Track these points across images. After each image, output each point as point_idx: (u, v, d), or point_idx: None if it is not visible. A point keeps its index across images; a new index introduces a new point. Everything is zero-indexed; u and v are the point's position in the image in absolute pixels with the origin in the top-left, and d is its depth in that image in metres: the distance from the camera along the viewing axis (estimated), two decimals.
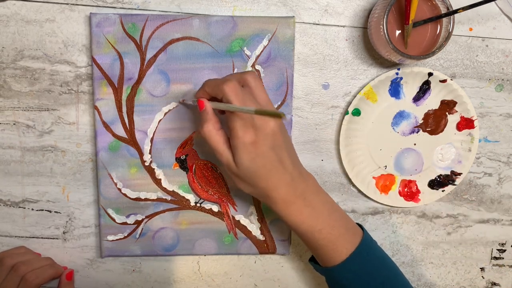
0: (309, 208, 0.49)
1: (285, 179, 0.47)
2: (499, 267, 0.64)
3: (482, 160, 0.61)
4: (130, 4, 0.56)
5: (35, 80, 0.56)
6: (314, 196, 0.49)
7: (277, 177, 0.47)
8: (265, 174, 0.47)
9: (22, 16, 0.55)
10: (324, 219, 0.49)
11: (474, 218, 0.63)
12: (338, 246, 0.49)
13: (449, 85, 0.57)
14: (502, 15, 0.58)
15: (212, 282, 0.62)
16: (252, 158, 0.45)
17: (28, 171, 0.58)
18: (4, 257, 0.55)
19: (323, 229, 0.49)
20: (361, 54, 0.58)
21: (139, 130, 0.57)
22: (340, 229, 0.50)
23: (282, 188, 0.47)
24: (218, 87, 0.45)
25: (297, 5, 0.57)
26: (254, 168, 0.46)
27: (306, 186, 0.49)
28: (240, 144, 0.45)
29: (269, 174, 0.47)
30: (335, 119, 0.59)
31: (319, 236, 0.49)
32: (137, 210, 0.58)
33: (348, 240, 0.50)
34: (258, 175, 0.47)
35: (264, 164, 0.46)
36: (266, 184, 0.47)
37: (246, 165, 0.46)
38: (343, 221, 0.51)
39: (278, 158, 0.47)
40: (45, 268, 0.55)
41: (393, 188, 0.60)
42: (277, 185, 0.47)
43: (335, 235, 0.49)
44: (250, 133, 0.45)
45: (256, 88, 0.47)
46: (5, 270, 0.54)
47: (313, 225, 0.49)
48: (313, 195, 0.49)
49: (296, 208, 0.48)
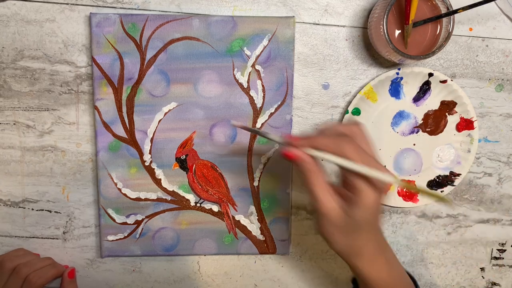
0: (388, 264, 0.46)
1: (378, 235, 0.45)
2: (499, 267, 0.64)
3: (482, 160, 0.61)
4: (130, 4, 0.56)
5: (35, 80, 0.56)
6: (390, 251, 0.47)
7: (372, 233, 0.44)
8: (368, 232, 0.43)
9: (22, 16, 0.55)
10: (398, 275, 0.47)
11: (474, 218, 0.63)
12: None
13: (449, 85, 0.57)
14: (502, 15, 0.58)
15: (212, 282, 0.62)
16: (369, 214, 0.41)
17: (28, 171, 0.58)
18: (4, 260, 0.55)
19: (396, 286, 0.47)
20: (361, 54, 0.58)
21: (139, 130, 0.57)
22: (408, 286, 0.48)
23: (371, 244, 0.44)
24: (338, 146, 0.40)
25: (297, 5, 0.57)
26: (363, 225, 0.42)
27: (384, 241, 0.47)
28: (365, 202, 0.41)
29: (371, 232, 0.43)
30: (335, 119, 0.59)
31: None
32: (137, 210, 0.58)
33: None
34: (363, 232, 0.43)
35: (374, 222, 0.43)
36: (365, 242, 0.44)
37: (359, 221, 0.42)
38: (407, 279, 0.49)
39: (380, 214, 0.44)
40: (47, 268, 0.55)
41: (392, 188, 0.60)
42: (369, 241, 0.44)
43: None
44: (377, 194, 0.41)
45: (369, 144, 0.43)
46: (6, 274, 0.54)
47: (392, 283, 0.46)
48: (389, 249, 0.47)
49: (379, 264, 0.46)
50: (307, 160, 0.42)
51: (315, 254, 0.62)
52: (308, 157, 0.42)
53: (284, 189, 0.59)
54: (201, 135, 0.58)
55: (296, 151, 0.42)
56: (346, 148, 0.40)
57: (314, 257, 0.62)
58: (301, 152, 0.42)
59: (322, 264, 0.63)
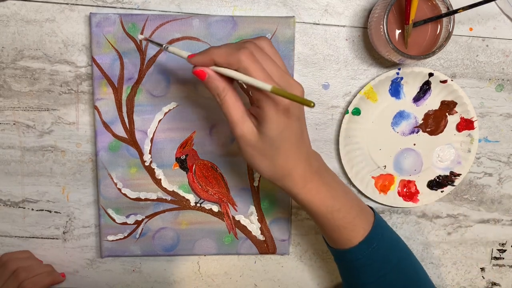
0: (326, 186, 0.45)
1: (303, 154, 0.44)
2: (499, 267, 0.64)
3: (482, 160, 0.61)
4: (130, 4, 0.56)
5: (35, 80, 0.56)
6: (327, 174, 0.47)
7: (297, 153, 0.43)
8: (288, 149, 0.42)
9: (22, 16, 0.55)
10: (340, 198, 0.46)
11: (474, 218, 0.63)
12: (356, 226, 0.47)
13: (449, 85, 0.57)
14: (502, 15, 0.58)
15: (212, 282, 0.62)
16: (282, 129, 0.41)
17: (28, 171, 0.58)
18: (8, 260, 0.56)
19: (341, 208, 0.46)
20: (361, 54, 0.58)
21: (139, 130, 0.57)
22: (357, 208, 0.47)
23: (300, 165, 0.43)
24: (232, 56, 0.39)
25: (297, 5, 0.57)
26: (279, 141, 0.41)
27: (319, 163, 0.46)
28: (272, 112, 0.40)
29: (291, 148, 0.42)
30: (335, 119, 0.59)
31: (337, 216, 0.46)
32: (137, 210, 0.58)
33: (364, 220, 0.48)
34: (282, 150, 0.42)
35: (289, 136, 0.41)
36: (285, 161, 0.43)
37: (273, 137, 0.41)
38: (357, 201, 0.49)
39: (300, 130, 0.43)
40: (42, 276, 0.55)
41: (392, 188, 0.60)
42: (296, 162, 0.43)
43: (353, 215, 0.47)
44: (285, 100, 0.40)
45: (275, 55, 0.41)
46: (7, 274, 0.54)
47: (332, 205, 0.46)
48: (326, 172, 0.47)
49: (314, 187, 0.45)
50: (213, 75, 0.41)
51: (315, 254, 0.62)
52: (214, 73, 0.41)
53: None
54: (201, 135, 0.58)
55: (201, 68, 0.41)
56: (242, 58, 0.38)
57: (314, 257, 0.62)
58: (207, 69, 0.41)
59: (322, 264, 0.62)
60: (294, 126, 0.42)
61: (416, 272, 0.51)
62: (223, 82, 0.41)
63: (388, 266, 0.48)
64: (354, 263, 0.48)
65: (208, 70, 0.41)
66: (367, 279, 0.49)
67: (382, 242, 0.48)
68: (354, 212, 0.47)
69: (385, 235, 0.49)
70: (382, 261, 0.48)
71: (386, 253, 0.49)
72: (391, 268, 0.49)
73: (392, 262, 0.49)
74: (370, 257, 0.48)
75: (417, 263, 0.52)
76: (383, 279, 0.48)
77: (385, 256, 0.48)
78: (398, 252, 0.50)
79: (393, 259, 0.49)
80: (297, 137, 0.43)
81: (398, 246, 0.51)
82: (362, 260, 0.48)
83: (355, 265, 0.49)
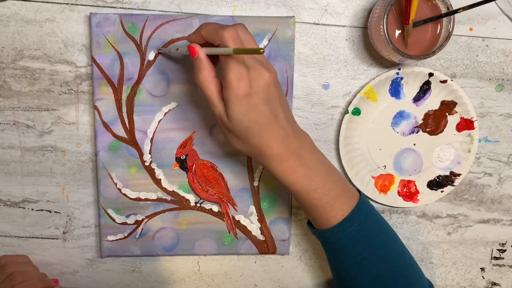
0: (304, 166, 0.47)
1: (278, 134, 0.45)
2: (499, 267, 0.64)
3: (482, 160, 0.61)
4: (130, 4, 0.56)
5: (35, 80, 0.56)
6: (310, 155, 0.48)
7: (270, 133, 0.45)
8: (257, 130, 0.44)
9: (22, 16, 0.55)
10: (319, 179, 0.48)
11: (474, 218, 0.63)
12: (334, 207, 0.48)
13: (449, 85, 0.57)
14: (502, 15, 0.58)
15: (212, 282, 0.62)
16: (245, 111, 0.43)
17: (28, 171, 0.58)
18: (7, 263, 0.56)
19: (318, 188, 0.47)
20: (361, 54, 0.58)
21: (139, 130, 0.57)
22: (337, 190, 0.48)
23: (275, 144, 0.45)
24: (217, 33, 0.43)
25: (297, 5, 0.57)
26: (246, 123, 0.44)
27: (300, 144, 0.47)
28: (232, 96, 0.43)
29: (261, 129, 0.44)
30: (335, 119, 0.59)
31: (313, 196, 0.48)
32: (137, 210, 0.58)
33: (345, 202, 0.49)
34: (251, 131, 0.44)
35: (256, 118, 0.44)
36: (258, 140, 0.45)
37: (238, 119, 0.44)
38: (340, 183, 0.49)
39: (271, 113, 0.44)
40: (34, 282, 0.55)
41: (392, 188, 0.60)
42: (270, 141, 0.45)
43: (331, 196, 0.48)
44: (244, 85, 0.43)
45: (248, 40, 0.45)
46: (3, 277, 0.54)
47: (307, 184, 0.47)
48: (309, 153, 0.48)
49: (290, 166, 0.47)
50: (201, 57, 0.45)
51: (315, 254, 0.62)
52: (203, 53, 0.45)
53: (284, 189, 0.59)
54: (201, 135, 0.58)
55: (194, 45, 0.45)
56: (224, 35, 0.42)
57: (314, 257, 0.62)
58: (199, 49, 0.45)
59: (322, 264, 0.62)
60: (261, 109, 0.44)
61: (401, 257, 0.51)
62: (208, 66, 0.45)
63: (371, 249, 0.49)
64: (335, 244, 0.49)
65: (199, 50, 0.45)
66: (348, 260, 0.50)
67: (365, 225, 0.49)
68: (333, 193, 0.48)
69: (369, 218, 0.50)
70: (364, 243, 0.49)
71: (369, 235, 0.49)
72: (374, 251, 0.49)
73: (376, 245, 0.49)
74: (350, 238, 0.48)
75: (403, 249, 0.52)
76: (365, 261, 0.49)
77: (367, 238, 0.49)
78: (383, 236, 0.50)
79: (377, 242, 0.49)
80: (267, 119, 0.44)
81: (383, 230, 0.51)
82: (342, 240, 0.49)
83: (335, 246, 0.50)
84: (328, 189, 0.48)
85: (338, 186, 0.49)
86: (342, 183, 0.50)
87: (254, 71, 0.43)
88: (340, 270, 0.52)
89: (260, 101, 0.43)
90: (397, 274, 0.50)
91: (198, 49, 0.45)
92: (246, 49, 0.39)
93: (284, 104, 0.47)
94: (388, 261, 0.50)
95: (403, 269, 0.51)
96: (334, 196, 0.48)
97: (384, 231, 0.51)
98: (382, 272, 0.49)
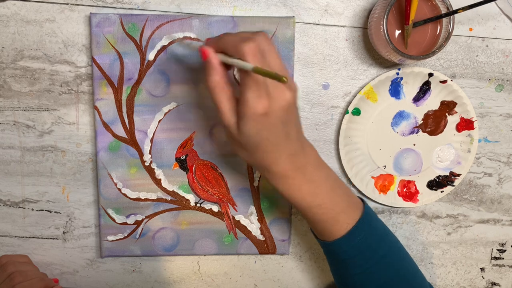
0: (309, 183, 0.47)
1: (285, 152, 0.45)
2: (499, 267, 0.64)
3: (482, 160, 0.61)
4: (130, 4, 0.56)
5: (35, 80, 0.56)
6: (315, 171, 0.47)
7: (279, 150, 0.44)
8: (266, 147, 0.43)
9: (22, 16, 0.55)
10: (325, 195, 0.47)
11: (474, 218, 0.63)
12: (339, 221, 0.48)
13: (449, 86, 0.57)
14: (502, 15, 0.58)
15: (212, 282, 0.62)
16: (259, 129, 0.42)
17: (28, 171, 0.58)
18: (8, 263, 0.56)
19: (323, 204, 0.47)
20: (361, 54, 0.58)
21: (139, 130, 0.57)
22: (342, 204, 0.48)
23: (282, 162, 0.45)
24: (237, 47, 0.41)
25: (297, 5, 0.57)
26: (257, 140, 0.43)
27: (307, 160, 0.46)
28: (249, 113, 0.41)
29: (270, 147, 0.43)
30: (335, 119, 0.59)
31: (318, 211, 0.47)
32: (137, 210, 0.58)
33: (350, 215, 0.48)
34: (260, 147, 0.43)
35: (268, 136, 0.43)
36: (264, 156, 0.44)
37: (249, 135, 0.42)
38: (345, 197, 0.49)
39: (285, 132, 0.43)
40: (35, 281, 0.55)
41: (392, 188, 0.60)
42: (277, 158, 0.44)
43: (336, 211, 0.48)
44: (264, 103, 0.41)
45: (270, 53, 0.42)
46: (3, 277, 0.54)
47: (312, 200, 0.47)
48: (314, 169, 0.47)
49: (295, 183, 0.46)
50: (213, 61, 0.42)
51: (315, 254, 0.62)
52: (216, 58, 0.43)
53: None
54: (201, 135, 0.58)
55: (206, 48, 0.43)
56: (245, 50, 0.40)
57: (314, 257, 0.62)
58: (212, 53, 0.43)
59: (322, 264, 0.63)
60: (275, 128, 0.42)
61: (404, 264, 0.52)
62: (220, 70, 0.43)
63: (375, 258, 0.49)
64: (340, 255, 0.49)
65: (212, 54, 0.43)
66: (353, 270, 0.50)
67: (369, 235, 0.49)
68: (338, 208, 0.48)
69: (373, 228, 0.50)
70: (369, 253, 0.49)
71: (372, 246, 0.49)
72: (377, 260, 0.49)
73: (380, 254, 0.49)
74: (355, 250, 0.48)
75: (406, 255, 0.53)
76: (370, 270, 0.49)
77: (371, 249, 0.49)
78: (386, 244, 0.51)
79: (381, 251, 0.49)
80: (279, 139, 0.43)
81: (386, 238, 0.51)
82: (347, 252, 0.49)
83: (340, 257, 0.50)
84: (333, 204, 0.48)
85: (343, 200, 0.49)
86: (346, 197, 0.49)
87: (275, 90, 0.41)
88: (345, 279, 0.52)
89: (277, 121, 0.42)
90: (400, 281, 0.50)
91: (211, 52, 0.43)
92: (268, 73, 0.37)
93: (298, 121, 0.46)
94: (392, 269, 0.50)
95: (406, 275, 0.51)
96: (339, 211, 0.48)
97: (387, 239, 0.51)
98: (386, 280, 0.50)
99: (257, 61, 0.40)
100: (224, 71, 0.43)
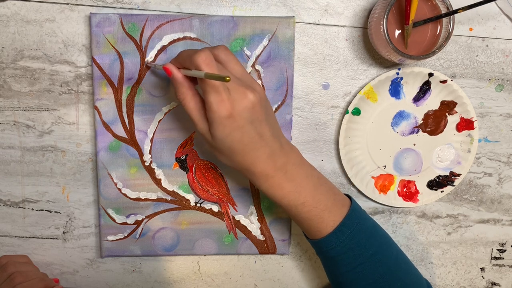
0: (291, 181, 0.48)
1: (264, 152, 0.46)
2: (499, 267, 0.64)
3: (482, 160, 0.61)
4: (130, 4, 0.56)
5: (35, 80, 0.56)
6: (297, 170, 0.48)
7: (255, 151, 0.46)
8: (241, 149, 0.45)
9: (22, 16, 0.55)
10: (307, 193, 0.48)
11: (474, 218, 0.63)
12: (324, 218, 0.49)
13: (449, 85, 0.57)
14: (502, 15, 0.58)
15: (212, 282, 0.62)
16: (228, 132, 0.44)
17: (28, 171, 0.58)
18: (8, 263, 0.56)
19: (306, 202, 0.48)
20: (361, 54, 0.58)
21: (139, 130, 0.57)
22: (327, 202, 0.49)
23: (260, 162, 0.46)
24: (190, 58, 0.43)
25: (297, 5, 0.57)
26: (229, 143, 0.45)
27: (288, 159, 0.48)
28: (215, 118, 0.43)
29: (245, 148, 0.45)
30: (335, 119, 0.59)
31: (302, 209, 0.48)
32: (137, 210, 0.58)
33: (335, 212, 0.49)
34: (234, 150, 0.45)
35: (240, 138, 0.44)
36: (242, 158, 0.46)
37: (221, 139, 0.44)
38: (330, 194, 0.50)
39: (256, 132, 0.45)
40: (35, 282, 0.55)
41: (392, 188, 0.60)
42: (255, 159, 0.46)
43: (320, 208, 0.48)
44: (226, 107, 0.43)
45: (229, 62, 0.46)
46: (4, 277, 0.54)
47: (295, 199, 0.48)
48: (296, 168, 0.48)
49: (276, 182, 0.47)
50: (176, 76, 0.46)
51: (315, 254, 0.62)
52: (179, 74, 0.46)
53: None
54: None
55: (168, 66, 0.46)
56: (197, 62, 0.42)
57: (314, 257, 0.62)
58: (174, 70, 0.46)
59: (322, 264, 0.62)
60: (244, 129, 0.44)
61: (396, 261, 0.52)
62: (185, 83, 0.46)
63: (365, 255, 0.49)
64: (329, 253, 0.50)
65: (174, 70, 0.46)
66: (343, 268, 0.50)
67: (357, 232, 0.49)
68: (322, 205, 0.49)
69: (361, 225, 0.50)
70: (358, 250, 0.49)
71: (362, 242, 0.49)
72: (368, 257, 0.49)
73: (369, 251, 0.50)
74: (343, 247, 0.49)
75: (398, 252, 0.53)
76: (360, 268, 0.49)
77: (361, 245, 0.49)
78: (376, 241, 0.51)
79: (371, 249, 0.50)
80: (252, 139, 0.45)
81: (376, 235, 0.51)
82: (335, 249, 0.49)
83: (329, 255, 0.50)
84: (317, 201, 0.48)
85: (328, 197, 0.49)
86: (331, 194, 0.50)
87: (236, 93, 0.43)
88: (336, 276, 0.52)
89: (243, 121, 0.44)
90: (392, 278, 0.50)
91: (172, 68, 0.46)
92: (215, 75, 0.40)
93: (272, 121, 0.47)
94: (383, 266, 0.50)
95: (398, 272, 0.51)
96: (323, 208, 0.49)
97: (377, 236, 0.51)
98: (377, 277, 0.50)
99: (213, 69, 0.42)
100: (189, 84, 0.46)
